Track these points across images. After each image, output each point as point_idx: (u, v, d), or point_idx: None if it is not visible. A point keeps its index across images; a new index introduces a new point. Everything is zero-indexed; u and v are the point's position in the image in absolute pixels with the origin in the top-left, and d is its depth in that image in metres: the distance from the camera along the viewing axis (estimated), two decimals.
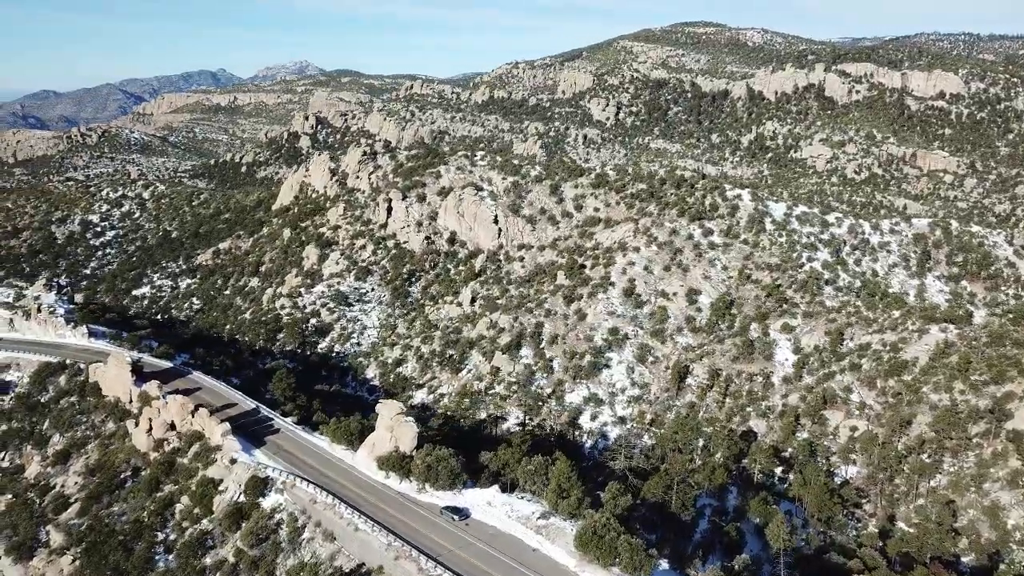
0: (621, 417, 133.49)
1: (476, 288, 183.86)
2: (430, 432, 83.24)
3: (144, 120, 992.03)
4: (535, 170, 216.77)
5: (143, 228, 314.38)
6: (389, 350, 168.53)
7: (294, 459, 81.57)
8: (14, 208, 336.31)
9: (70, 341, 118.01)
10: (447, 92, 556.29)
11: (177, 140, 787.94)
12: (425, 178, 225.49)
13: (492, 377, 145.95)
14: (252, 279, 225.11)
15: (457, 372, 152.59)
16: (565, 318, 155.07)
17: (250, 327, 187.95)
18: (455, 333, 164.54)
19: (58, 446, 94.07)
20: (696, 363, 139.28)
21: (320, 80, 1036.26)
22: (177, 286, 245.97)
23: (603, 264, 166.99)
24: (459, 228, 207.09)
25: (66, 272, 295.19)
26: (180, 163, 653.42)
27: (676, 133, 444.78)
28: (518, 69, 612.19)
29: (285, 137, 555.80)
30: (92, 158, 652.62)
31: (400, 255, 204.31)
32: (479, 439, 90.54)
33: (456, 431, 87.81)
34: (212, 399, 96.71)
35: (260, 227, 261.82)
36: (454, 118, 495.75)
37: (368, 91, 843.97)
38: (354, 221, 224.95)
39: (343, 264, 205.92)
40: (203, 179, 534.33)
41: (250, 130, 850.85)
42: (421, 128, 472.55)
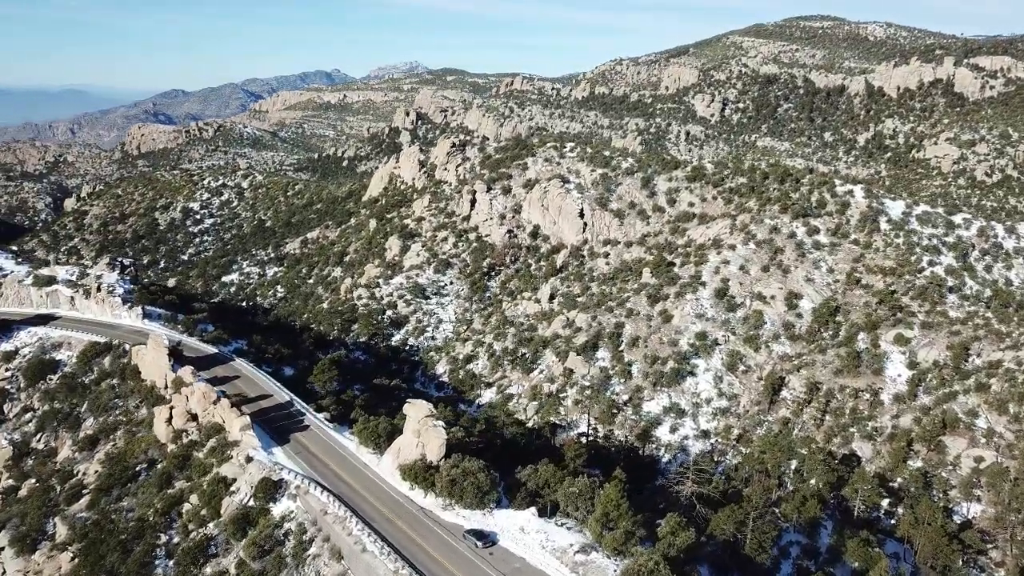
0: (704, 431, 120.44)
1: (556, 285, 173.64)
2: (471, 438, 74.05)
3: (259, 117, 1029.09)
4: (626, 162, 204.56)
5: (239, 216, 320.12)
6: (461, 346, 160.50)
7: (315, 461, 74.02)
8: (123, 195, 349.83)
9: (124, 322, 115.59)
10: (547, 88, 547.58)
11: (286, 135, 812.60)
12: (511, 170, 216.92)
13: (564, 379, 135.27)
14: (336, 269, 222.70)
15: (528, 372, 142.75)
16: (648, 319, 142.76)
17: (326, 317, 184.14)
18: (529, 331, 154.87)
19: (89, 430, 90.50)
20: (793, 375, 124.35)
21: (426, 79, 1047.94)
22: (264, 274, 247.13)
23: (694, 262, 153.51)
24: (543, 222, 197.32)
25: (165, 257, 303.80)
26: (287, 157, 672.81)
27: (785, 131, 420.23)
28: (621, 66, 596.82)
29: (386, 132, 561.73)
30: (207, 151, 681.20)
31: (481, 248, 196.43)
32: (531, 449, 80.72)
33: (499, 437, 77.99)
34: (247, 389, 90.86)
35: (348, 218, 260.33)
36: (552, 114, 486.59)
37: (472, 89, 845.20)
38: (438, 213, 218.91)
39: (423, 256, 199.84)
40: (306, 172, 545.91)
41: (357, 127, 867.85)
42: (519, 124, 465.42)
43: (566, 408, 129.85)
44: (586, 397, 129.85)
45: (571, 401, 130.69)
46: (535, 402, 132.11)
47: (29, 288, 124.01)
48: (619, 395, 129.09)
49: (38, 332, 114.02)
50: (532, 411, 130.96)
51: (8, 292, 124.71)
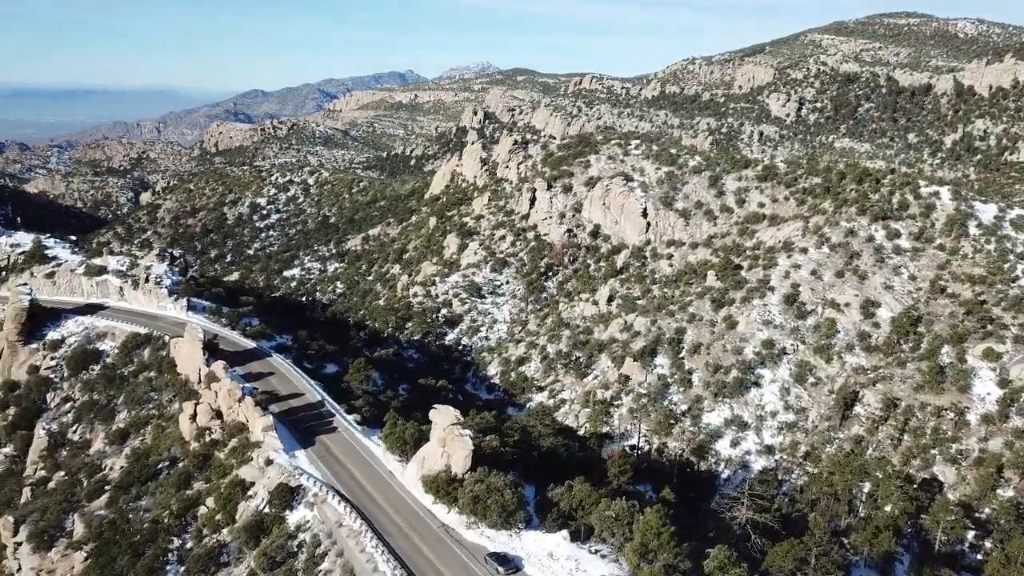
0: (768, 446, 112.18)
1: (615, 286, 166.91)
2: (505, 448, 68.61)
3: (333, 116, 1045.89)
4: (693, 160, 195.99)
5: (305, 212, 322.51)
6: (513, 347, 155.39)
7: (338, 466, 69.84)
8: (195, 190, 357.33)
9: (169, 313, 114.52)
10: (616, 87, 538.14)
11: (357, 134, 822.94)
12: (573, 168, 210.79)
13: (620, 386, 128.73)
14: (394, 266, 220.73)
15: (582, 377, 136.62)
16: (712, 325, 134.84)
17: (381, 313, 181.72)
18: (585, 334, 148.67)
19: (121, 424, 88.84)
20: (868, 389, 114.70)
21: (497, 79, 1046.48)
22: (325, 269, 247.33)
23: (763, 266, 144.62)
24: (604, 221, 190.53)
25: (232, 251, 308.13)
26: (357, 155, 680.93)
27: (866, 131, 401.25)
28: (694, 65, 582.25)
29: (453, 132, 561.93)
30: (281, 149, 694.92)
31: (539, 247, 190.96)
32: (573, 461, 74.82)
33: (534, 449, 72.16)
34: (280, 386, 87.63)
35: (410, 215, 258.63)
36: (621, 113, 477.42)
37: (542, 89, 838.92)
38: (497, 211, 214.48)
39: (481, 254, 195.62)
40: (375, 170, 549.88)
41: (427, 126, 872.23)
42: (587, 123, 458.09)
43: (620, 417, 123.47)
44: (641, 406, 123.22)
45: (626, 409, 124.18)
46: (587, 409, 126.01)
47: (80, 277, 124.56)
48: (677, 405, 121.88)
49: (85, 321, 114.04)
50: (584, 418, 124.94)
51: (61, 281, 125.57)
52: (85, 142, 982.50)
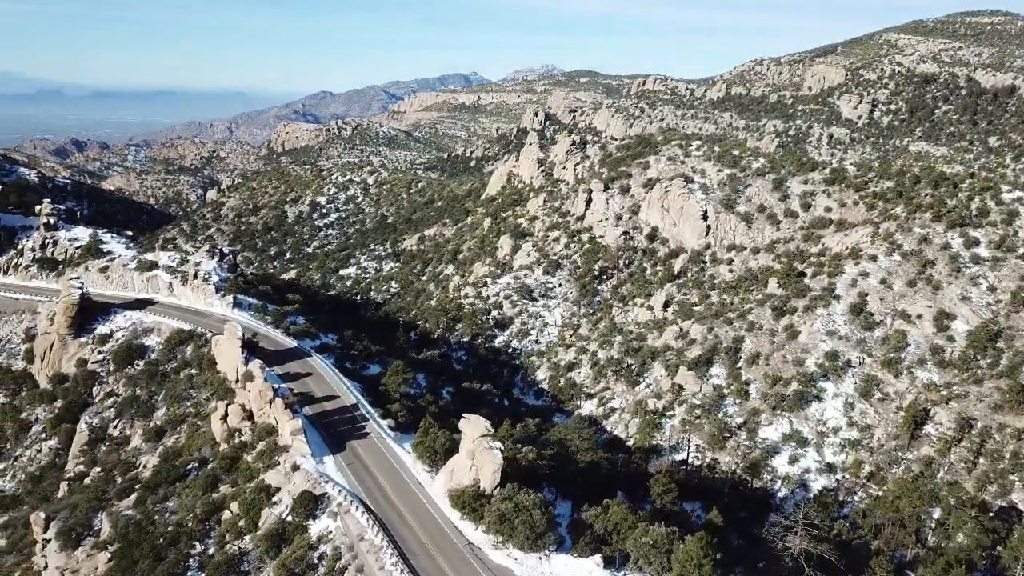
0: (830, 464, 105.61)
1: (672, 291, 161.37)
2: (542, 461, 64.84)
3: (397, 117, 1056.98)
4: (757, 162, 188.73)
5: (363, 212, 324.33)
6: (563, 351, 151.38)
7: (365, 474, 67.17)
8: (258, 188, 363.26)
9: (215, 310, 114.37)
10: (680, 89, 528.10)
11: (420, 135, 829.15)
12: (631, 169, 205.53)
13: (673, 396, 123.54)
14: (448, 266, 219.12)
15: (634, 385, 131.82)
16: (772, 334, 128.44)
17: (431, 314, 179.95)
18: (638, 340, 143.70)
19: (158, 421, 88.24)
20: (940, 407, 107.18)
21: (560, 80, 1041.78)
22: (381, 269, 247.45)
23: (828, 273, 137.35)
24: (662, 224, 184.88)
25: (291, 248, 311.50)
26: (419, 156, 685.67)
27: (943, 135, 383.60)
28: (762, 66, 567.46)
29: (514, 133, 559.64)
30: (345, 149, 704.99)
31: (593, 250, 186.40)
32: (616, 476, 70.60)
33: (571, 462, 67.90)
34: (316, 388, 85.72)
35: (466, 216, 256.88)
36: (685, 115, 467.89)
37: (605, 91, 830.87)
38: (552, 212, 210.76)
39: (534, 256, 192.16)
40: (435, 171, 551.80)
41: (488, 128, 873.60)
42: (649, 125, 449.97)
43: (671, 428, 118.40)
44: (695, 417, 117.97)
45: (678, 420, 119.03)
46: (637, 419, 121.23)
47: (132, 272, 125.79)
48: (732, 417, 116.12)
49: (133, 316, 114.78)
50: (633, 428, 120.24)
51: (114, 275, 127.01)
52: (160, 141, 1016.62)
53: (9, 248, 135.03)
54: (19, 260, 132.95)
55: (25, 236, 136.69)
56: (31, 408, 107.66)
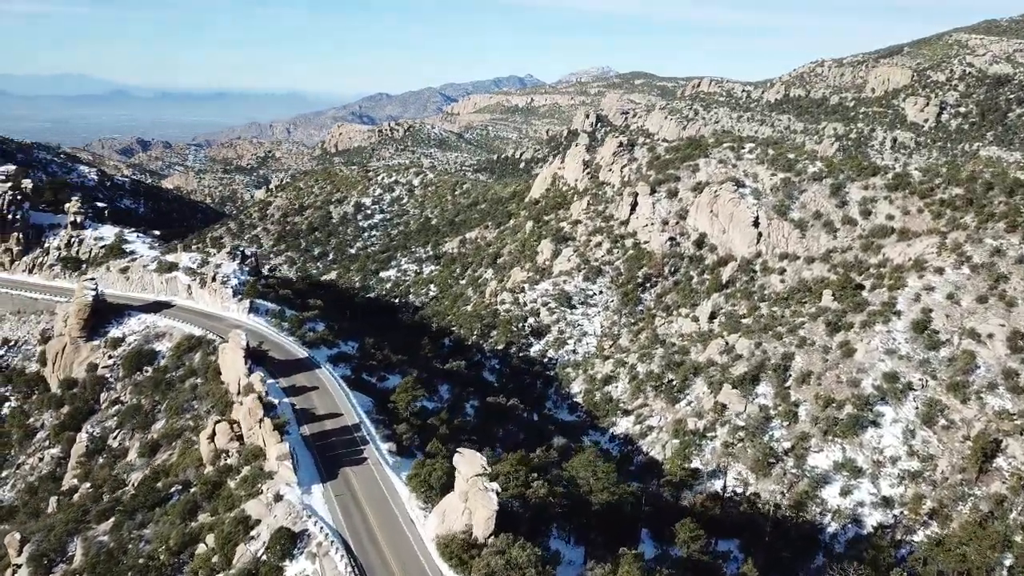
0: (886, 498, 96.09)
1: (719, 302, 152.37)
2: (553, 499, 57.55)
3: (450, 119, 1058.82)
4: (813, 166, 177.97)
5: (408, 213, 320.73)
6: (600, 363, 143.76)
7: (355, 508, 60.92)
8: (304, 188, 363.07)
9: (230, 315, 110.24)
10: (736, 90, 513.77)
11: (471, 137, 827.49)
12: (680, 172, 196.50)
13: (715, 416, 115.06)
14: (487, 271, 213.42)
15: (673, 403, 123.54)
16: (825, 352, 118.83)
17: (466, 320, 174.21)
18: (680, 354, 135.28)
19: (155, 434, 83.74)
20: (1014, 438, 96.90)
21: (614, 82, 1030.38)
22: (421, 271, 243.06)
23: (888, 286, 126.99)
24: (710, 230, 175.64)
25: (335, 249, 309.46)
26: (469, 158, 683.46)
27: (1017, 139, 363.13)
28: (823, 67, 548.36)
29: (564, 135, 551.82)
30: (396, 150, 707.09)
31: (637, 256, 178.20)
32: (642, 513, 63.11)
33: (577, 500, 60.24)
34: (319, 404, 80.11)
35: (508, 219, 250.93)
36: (740, 117, 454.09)
37: (660, 93, 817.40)
38: (595, 216, 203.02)
39: (574, 261, 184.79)
40: (484, 173, 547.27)
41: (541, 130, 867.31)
42: (703, 127, 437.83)
43: (712, 451, 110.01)
44: (738, 440, 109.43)
45: (719, 443, 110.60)
46: (676, 440, 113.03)
47: (152, 274, 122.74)
48: (779, 442, 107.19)
49: (147, 319, 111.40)
50: (671, 450, 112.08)
51: (134, 276, 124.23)
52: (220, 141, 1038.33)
53: (36, 246, 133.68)
54: (44, 259, 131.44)
55: (52, 234, 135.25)
56: (39, 413, 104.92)
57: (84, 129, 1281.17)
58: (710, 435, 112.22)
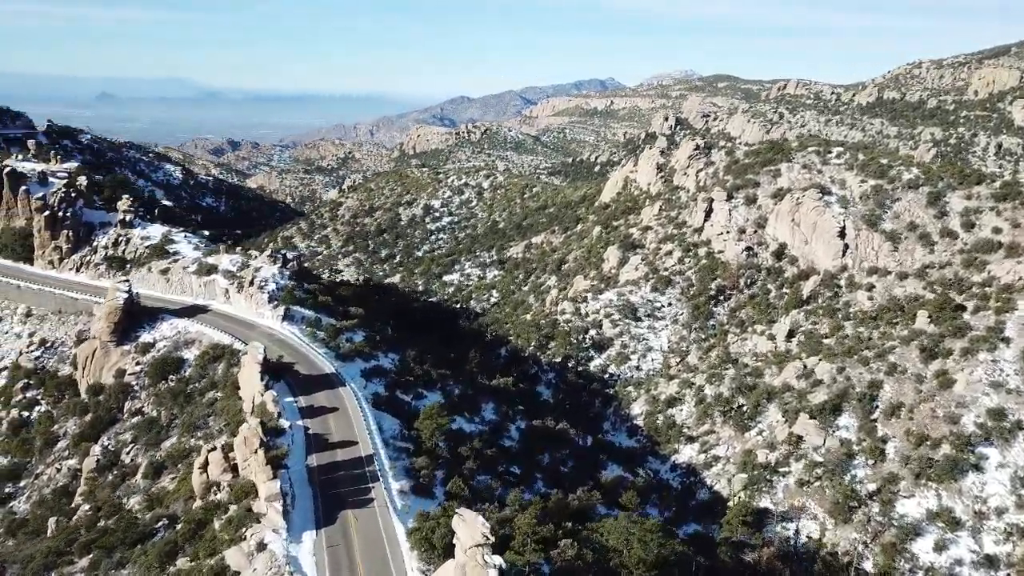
0: (990, 557, 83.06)
1: (798, 319, 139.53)
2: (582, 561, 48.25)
3: (529, 122, 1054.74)
4: (909, 172, 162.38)
5: (476, 216, 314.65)
6: (665, 383, 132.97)
7: (347, 565, 52.53)
8: (375, 189, 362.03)
9: (263, 322, 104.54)
10: (825, 93, 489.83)
11: (548, 140, 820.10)
12: (760, 177, 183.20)
13: (789, 448, 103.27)
14: (551, 278, 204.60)
15: (743, 431, 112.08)
16: (919, 381, 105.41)
17: (524, 329, 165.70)
18: (753, 376, 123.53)
19: (162, 454, 77.93)
20: None
21: (696, 85, 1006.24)
22: (484, 276, 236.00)
23: (995, 309, 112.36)
24: (791, 240, 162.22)
25: (402, 252, 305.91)
26: (544, 161, 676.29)
27: None
28: (920, 69, 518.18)
29: (642, 138, 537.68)
30: (473, 152, 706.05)
31: (710, 266, 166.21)
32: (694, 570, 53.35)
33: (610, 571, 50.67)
34: (336, 429, 72.51)
35: (576, 223, 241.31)
36: (829, 121, 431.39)
37: (744, 96, 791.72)
38: (667, 222, 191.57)
39: (642, 270, 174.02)
40: (558, 176, 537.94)
41: (619, 133, 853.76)
42: (788, 131, 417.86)
43: (785, 489, 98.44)
44: (815, 478, 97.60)
45: (793, 480, 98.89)
46: (743, 474, 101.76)
47: (191, 276, 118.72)
48: (863, 483, 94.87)
49: (179, 324, 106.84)
50: (737, 485, 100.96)
51: (174, 278, 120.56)
52: (304, 142, 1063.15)
53: (85, 245, 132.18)
54: (91, 257, 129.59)
55: (102, 233, 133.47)
56: (64, 420, 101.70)
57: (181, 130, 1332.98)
58: (783, 470, 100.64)
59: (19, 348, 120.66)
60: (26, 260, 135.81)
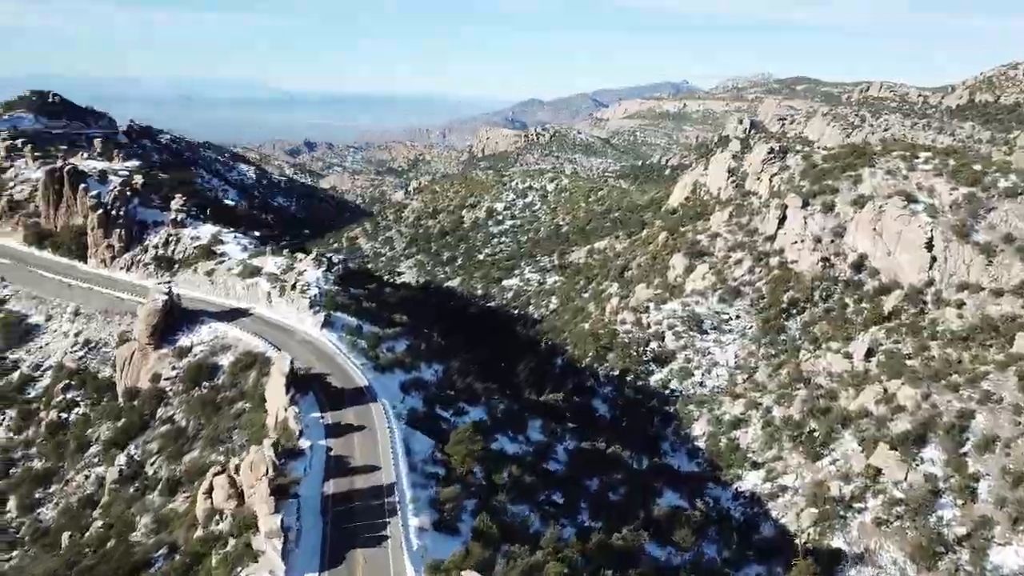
0: None
1: (878, 337, 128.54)
2: None
3: (599, 125, 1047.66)
4: (1007, 180, 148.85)
5: (539, 220, 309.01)
6: (730, 402, 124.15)
7: None
8: (440, 192, 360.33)
9: (302, 328, 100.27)
10: (911, 95, 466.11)
11: (618, 142, 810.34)
12: (839, 183, 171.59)
13: (866, 482, 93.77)
14: (613, 284, 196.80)
15: (815, 459, 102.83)
16: (1017, 412, 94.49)
17: (581, 339, 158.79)
18: (827, 398, 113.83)
19: (181, 470, 73.93)
20: None
21: (773, 88, 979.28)
22: (544, 282, 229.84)
23: None
24: (872, 250, 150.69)
25: (463, 255, 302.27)
26: (613, 164, 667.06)
27: None
28: (1016, 70, 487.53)
29: (714, 141, 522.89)
30: (541, 155, 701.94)
31: (783, 277, 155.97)
32: None
33: None
34: (359, 451, 66.60)
35: (642, 228, 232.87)
36: (915, 125, 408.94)
37: (824, 99, 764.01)
38: (737, 230, 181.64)
39: (709, 280, 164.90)
40: (626, 179, 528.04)
41: (692, 136, 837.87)
42: (871, 135, 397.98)
43: (860, 527, 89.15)
44: (895, 517, 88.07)
45: (870, 518, 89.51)
46: (814, 508, 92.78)
47: (235, 278, 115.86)
48: (950, 525, 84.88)
49: (218, 329, 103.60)
50: (807, 520, 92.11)
51: (218, 280, 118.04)
52: (377, 143, 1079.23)
53: (137, 244, 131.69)
54: (142, 257, 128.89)
55: (155, 232, 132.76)
56: (99, 424, 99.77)
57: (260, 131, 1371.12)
58: (858, 506, 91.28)
59: (66, 347, 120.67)
60: (80, 258, 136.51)
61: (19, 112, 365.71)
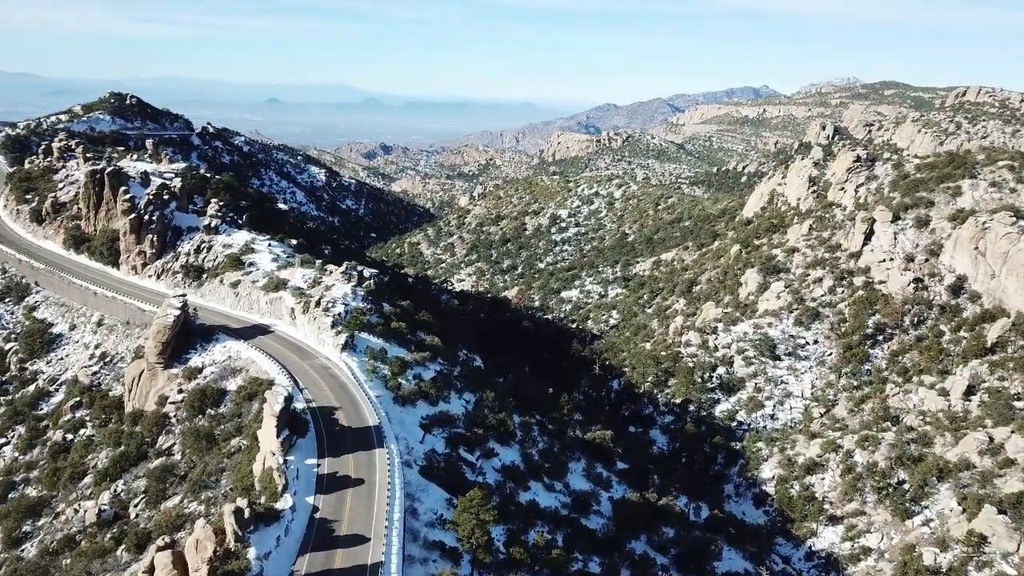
0: None
1: (980, 372, 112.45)
2: None
3: (675, 130, 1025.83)
4: None
5: (604, 228, 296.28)
6: (805, 441, 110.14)
7: None
8: (503, 197, 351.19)
9: (322, 350, 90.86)
10: (1012, 100, 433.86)
11: (693, 148, 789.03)
12: (934, 195, 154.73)
13: (966, 550, 79.35)
14: (679, 300, 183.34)
15: (904, 517, 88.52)
16: None
17: (641, 361, 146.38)
18: (920, 443, 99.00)
19: (152, 521, 64.66)
20: None
21: (859, 93, 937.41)
22: (605, 294, 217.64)
23: None
24: (972, 272, 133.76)
25: (524, 263, 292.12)
26: (687, 170, 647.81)
27: None
28: None
29: (795, 148, 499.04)
30: (613, 160, 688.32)
31: (869, 299, 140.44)
32: None
33: None
34: (350, 515, 54.35)
35: (713, 240, 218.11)
36: (1017, 132, 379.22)
37: (913, 105, 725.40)
38: (818, 244, 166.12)
39: (785, 299, 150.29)
40: (700, 186, 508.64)
41: (771, 142, 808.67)
42: (967, 142, 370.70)
43: None
44: None
45: None
46: None
47: (259, 292, 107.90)
48: None
49: (232, 348, 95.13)
50: None
51: (243, 293, 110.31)
52: (451, 148, 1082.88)
53: (169, 251, 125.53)
54: (172, 264, 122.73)
55: (188, 238, 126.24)
56: (99, 450, 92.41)
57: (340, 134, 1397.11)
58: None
59: (83, 360, 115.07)
60: (113, 264, 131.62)
61: (97, 113, 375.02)
